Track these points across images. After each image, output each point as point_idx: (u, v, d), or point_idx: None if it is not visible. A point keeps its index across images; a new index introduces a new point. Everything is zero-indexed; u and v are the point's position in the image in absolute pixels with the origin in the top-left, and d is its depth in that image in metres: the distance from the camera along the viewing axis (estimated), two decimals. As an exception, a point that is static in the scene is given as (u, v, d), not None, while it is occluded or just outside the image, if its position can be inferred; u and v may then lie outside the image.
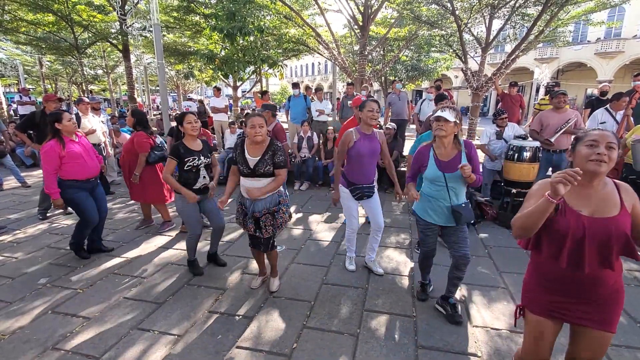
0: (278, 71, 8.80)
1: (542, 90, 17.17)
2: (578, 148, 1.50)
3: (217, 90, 8.97)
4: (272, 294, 3.01)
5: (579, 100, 24.52)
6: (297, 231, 4.45)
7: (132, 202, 5.66)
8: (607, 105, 4.94)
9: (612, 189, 1.50)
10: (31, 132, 5.04)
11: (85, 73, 14.18)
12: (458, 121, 2.43)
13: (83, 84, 21.09)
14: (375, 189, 3.25)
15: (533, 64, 24.43)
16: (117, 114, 15.77)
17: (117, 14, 8.85)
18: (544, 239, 1.57)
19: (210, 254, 3.58)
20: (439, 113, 2.41)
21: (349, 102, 6.45)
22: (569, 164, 1.56)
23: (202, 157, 3.18)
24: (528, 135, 4.72)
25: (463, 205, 2.50)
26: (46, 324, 2.62)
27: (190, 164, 3.10)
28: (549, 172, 4.84)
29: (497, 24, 8.16)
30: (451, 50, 10.03)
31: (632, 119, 4.65)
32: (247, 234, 2.89)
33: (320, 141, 6.74)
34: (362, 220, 4.36)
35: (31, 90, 17.79)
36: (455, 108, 2.46)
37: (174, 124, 5.20)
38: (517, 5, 6.99)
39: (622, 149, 4.13)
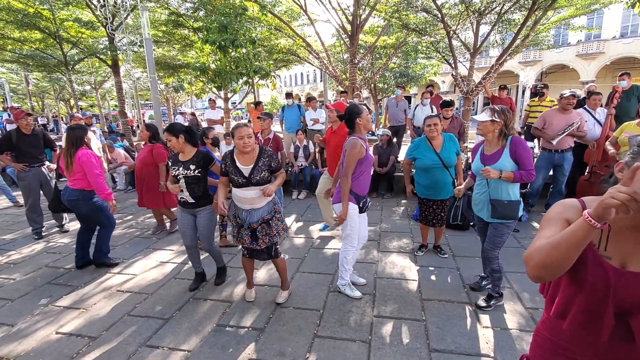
0: (271, 82, 8.85)
1: (527, 93, 17.57)
2: None
3: (213, 102, 8.98)
4: (278, 305, 2.97)
5: (563, 101, 25.05)
6: (299, 240, 4.44)
7: (130, 217, 5.61)
8: (585, 105, 5.05)
9: None
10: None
11: (74, 89, 13.96)
12: (495, 119, 2.52)
13: (71, 100, 20.81)
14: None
15: (518, 67, 25.03)
16: (106, 129, 15.76)
17: (107, 29, 8.81)
18: (555, 287, 1.12)
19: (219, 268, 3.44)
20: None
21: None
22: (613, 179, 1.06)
23: (181, 168, 2.94)
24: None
25: (505, 202, 2.56)
26: (51, 345, 2.56)
27: (174, 173, 2.99)
28: (551, 172, 4.91)
29: (484, 29, 8.36)
30: (440, 56, 10.21)
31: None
32: (242, 245, 2.83)
33: (317, 149, 6.77)
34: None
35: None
36: (494, 108, 2.55)
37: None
38: (503, 11, 7.19)
39: (612, 146, 4.24)
